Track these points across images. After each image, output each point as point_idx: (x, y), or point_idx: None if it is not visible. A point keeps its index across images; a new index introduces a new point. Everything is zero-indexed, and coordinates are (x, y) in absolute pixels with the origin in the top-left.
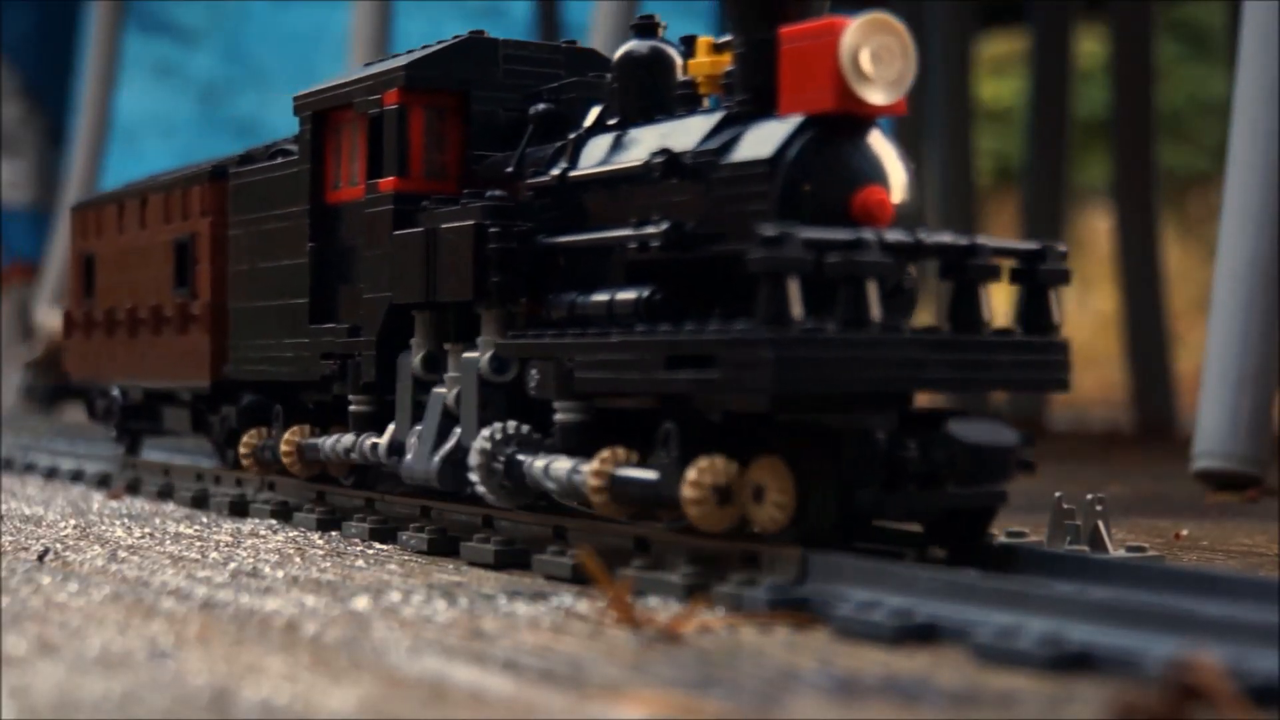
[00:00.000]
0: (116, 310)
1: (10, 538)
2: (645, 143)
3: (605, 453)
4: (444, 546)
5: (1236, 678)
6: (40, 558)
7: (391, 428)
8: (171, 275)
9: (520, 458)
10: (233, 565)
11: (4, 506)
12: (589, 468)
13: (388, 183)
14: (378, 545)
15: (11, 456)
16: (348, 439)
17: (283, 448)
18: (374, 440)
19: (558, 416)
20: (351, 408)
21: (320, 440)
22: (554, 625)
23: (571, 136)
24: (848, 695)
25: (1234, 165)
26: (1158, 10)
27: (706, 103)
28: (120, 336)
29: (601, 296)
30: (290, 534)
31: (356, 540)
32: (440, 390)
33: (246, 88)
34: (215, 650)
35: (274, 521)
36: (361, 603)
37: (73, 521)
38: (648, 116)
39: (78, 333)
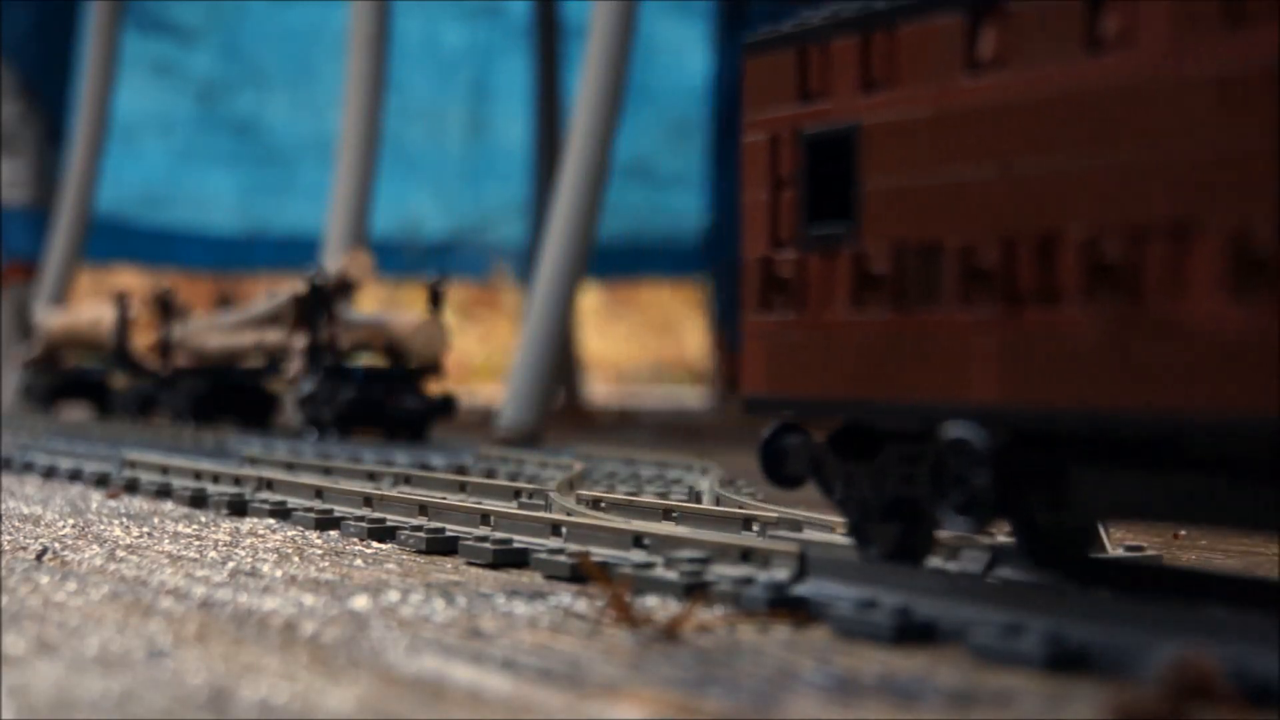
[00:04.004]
0: (976, 253)
1: (9, 536)
2: None
3: None
4: (442, 545)
5: (1236, 678)
6: (38, 557)
7: None
8: None
9: None
10: (231, 564)
11: (2, 505)
12: None
13: None
14: (376, 544)
15: (10, 455)
16: None
17: None
18: None
19: None
20: None
21: None
22: (552, 624)
23: None
24: (846, 694)
25: None
26: None
27: None
28: (987, 309)
29: None
30: (289, 533)
31: (355, 539)
32: None
33: (245, 86)
34: (213, 649)
35: (272, 520)
36: (360, 602)
37: (71, 520)
38: None
39: (787, 304)
